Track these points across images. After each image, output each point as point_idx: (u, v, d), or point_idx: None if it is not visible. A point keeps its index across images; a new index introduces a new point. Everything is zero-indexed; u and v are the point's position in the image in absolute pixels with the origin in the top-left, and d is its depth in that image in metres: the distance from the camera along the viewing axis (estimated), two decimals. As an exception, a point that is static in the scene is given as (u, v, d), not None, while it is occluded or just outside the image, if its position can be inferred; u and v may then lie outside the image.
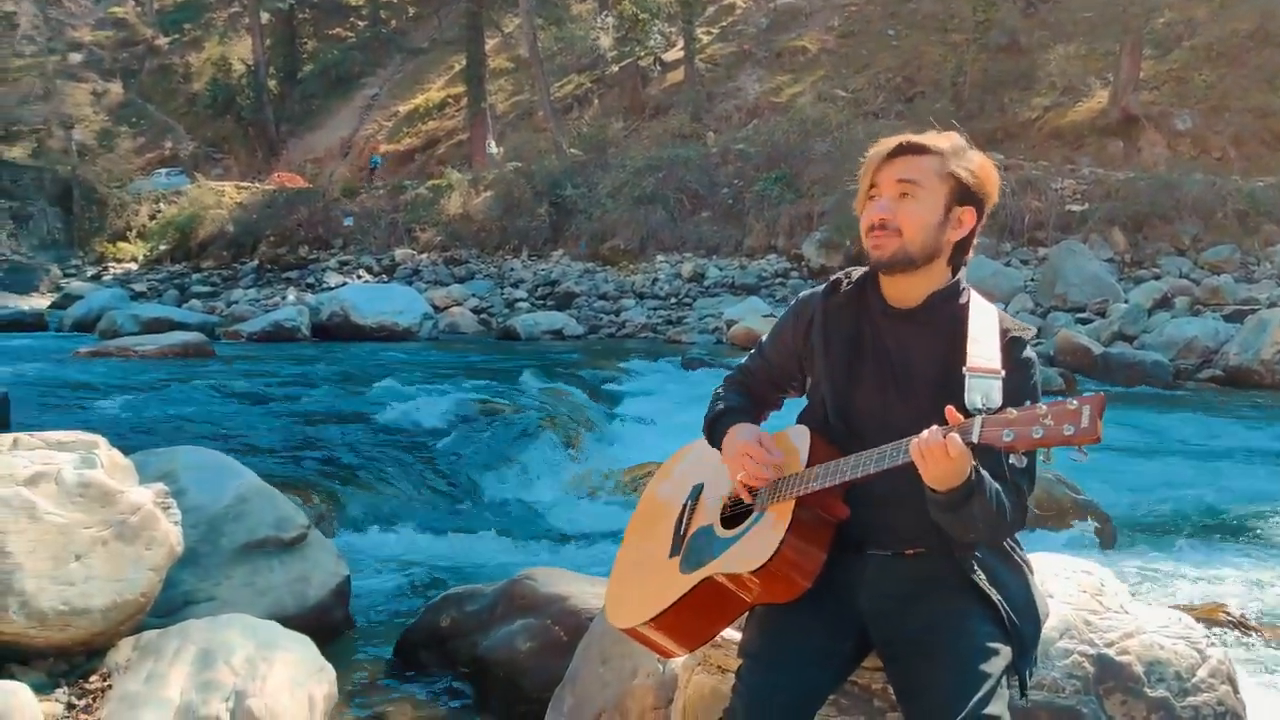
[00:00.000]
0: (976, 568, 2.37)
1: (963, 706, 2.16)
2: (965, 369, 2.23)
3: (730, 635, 2.65)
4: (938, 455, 2.12)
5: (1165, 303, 18.50)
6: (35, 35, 50.11)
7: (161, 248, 35.26)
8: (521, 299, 25.66)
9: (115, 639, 3.68)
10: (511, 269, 28.39)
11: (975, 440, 2.10)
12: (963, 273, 2.49)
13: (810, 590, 2.39)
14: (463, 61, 40.16)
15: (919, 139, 2.43)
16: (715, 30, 38.83)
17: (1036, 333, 2.52)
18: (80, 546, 3.64)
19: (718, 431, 2.64)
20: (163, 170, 43.28)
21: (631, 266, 26.63)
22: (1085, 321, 17.93)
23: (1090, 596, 2.84)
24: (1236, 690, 2.84)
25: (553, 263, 28.21)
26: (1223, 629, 4.66)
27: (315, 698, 3.54)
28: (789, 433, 2.58)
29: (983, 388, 2.20)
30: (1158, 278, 20.57)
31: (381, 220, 32.62)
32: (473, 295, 25.57)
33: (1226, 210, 22.72)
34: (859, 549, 2.44)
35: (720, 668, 2.73)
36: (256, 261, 32.42)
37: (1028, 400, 2.24)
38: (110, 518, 3.73)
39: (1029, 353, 2.41)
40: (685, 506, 2.70)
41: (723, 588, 2.45)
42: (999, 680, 2.24)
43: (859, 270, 2.58)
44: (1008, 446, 2.07)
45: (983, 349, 2.29)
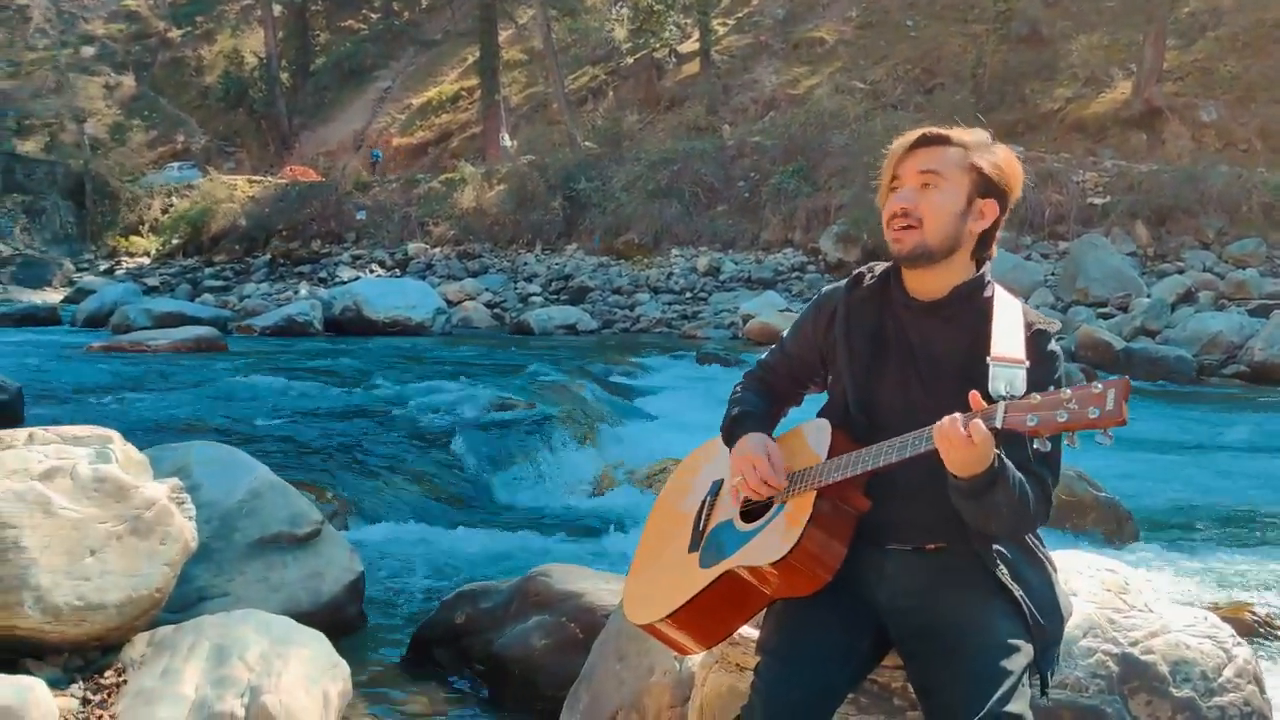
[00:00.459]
0: (998, 562, 2.34)
1: (983, 704, 2.13)
2: (990, 358, 2.21)
3: (748, 633, 2.63)
4: (961, 440, 2.10)
5: (1189, 297, 18.33)
6: (48, 28, 50.31)
7: (174, 242, 35.32)
8: (535, 293, 25.67)
9: (130, 634, 3.67)
10: (525, 263, 28.39)
11: (999, 425, 2.09)
12: (987, 266, 2.48)
13: (829, 586, 2.37)
14: (476, 54, 40.17)
15: (941, 130, 2.43)
16: (731, 21, 38.72)
17: (1061, 327, 2.49)
18: (95, 541, 3.63)
19: (734, 436, 2.63)
20: (175, 164, 43.38)
21: (646, 261, 26.60)
22: (1107, 316, 17.81)
23: (1114, 595, 2.80)
24: (1263, 690, 2.80)
25: (566, 257, 28.20)
26: (1248, 629, 4.61)
27: (330, 694, 3.53)
28: (808, 427, 2.56)
29: (1007, 375, 2.18)
30: (1181, 272, 20.35)
31: (394, 214, 32.64)
32: (486, 290, 25.58)
33: (1252, 203, 22.55)
34: (879, 544, 2.42)
35: (738, 665, 2.71)
36: (269, 255, 32.47)
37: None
38: (125, 513, 3.72)
39: (1054, 346, 2.39)
40: (704, 502, 2.68)
41: (743, 581, 2.43)
42: (1020, 678, 2.21)
43: (882, 265, 2.57)
44: (1032, 431, 2.05)
45: (1007, 340, 2.27)
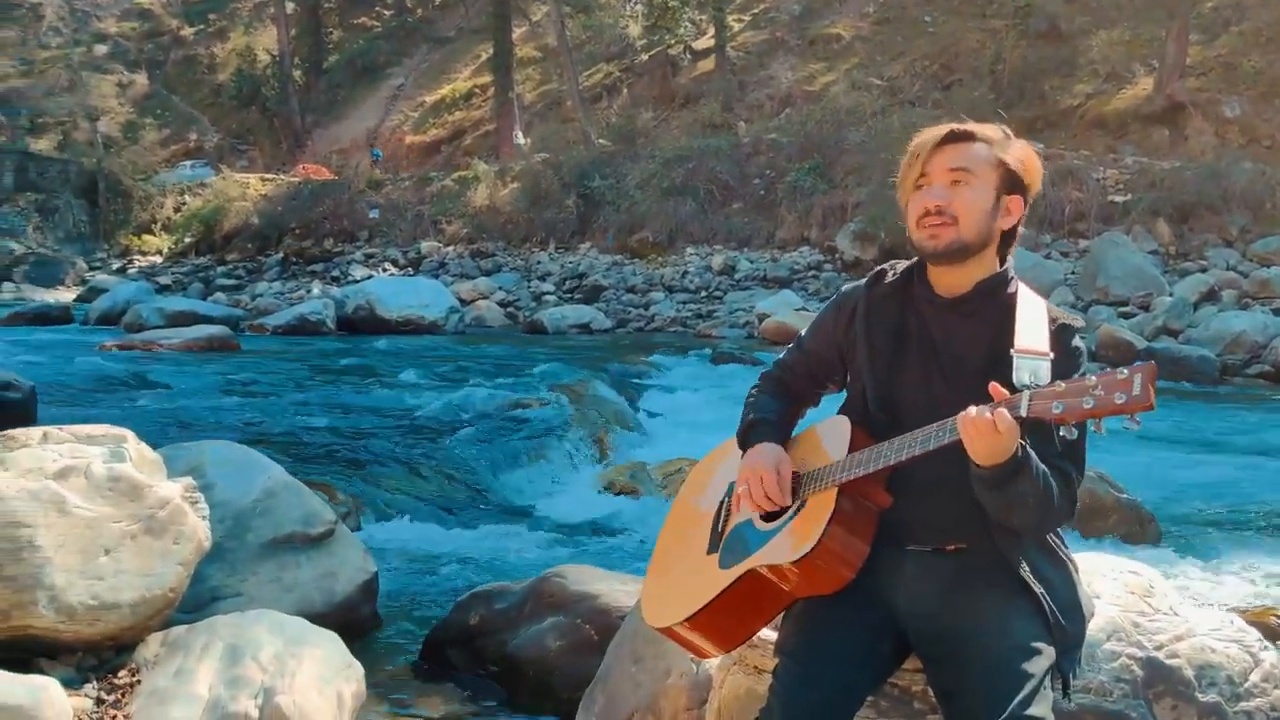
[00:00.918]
0: (1021, 560, 2.32)
1: (1004, 707, 2.12)
2: (1013, 350, 2.20)
3: (766, 634, 2.61)
4: (986, 428, 2.09)
5: (1212, 296, 18.11)
6: (61, 26, 50.43)
7: (186, 240, 35.30)
8: (549, 292, 25.63)
9: (144, 634, 3.67)
10: (538, 262, 28.35)
11: (1024, 414, 2.08)
12: (1010, 262, 2.47)
13: (849, 588, 2.36)
14: (490, 51, 40.06)
15: (967, 126, 2.42)
16: (747, 17, 38.54)
17: (1085, 324, 2.48)
18: (109, 541, 3.63)
19: (748, 444, 2.61)
20: (188, 162, 43.37)
21: (661, 259, 26.52)
22: (1128, 316, 17.61)
23: (1139, 598, 2.77)
24: (1289, 695, 2.77)
25: (580, 255, 28.14)
26: (1273, 632, 4.57)
27: (344, 695, 3.52)
28: (827, 424, 2.55)
29: (1031, 366, 2.17)
30: (1204, 270, 20.02)
31: (407, 212, 32.61)
32: (499, 288, 25.54)
33: (1276, 200, 22.19)
34: (898, 545, 2.40)
35: (756, 667, 2.70)
36: (281, 254, 32.44)
37: None
38: (139, 512, 3.72)
39: (1078, 341, 2.38)
40: (723, 503, 2.66)
41: (763, 581, 2.41)
42: (1042, 681, 2.20)
43: (904, 263, 2.56)
44: (1058, 418, 2.04)
45: (1031, 334, 2.26)
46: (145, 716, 3.28)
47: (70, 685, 3.40)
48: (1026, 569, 2.31)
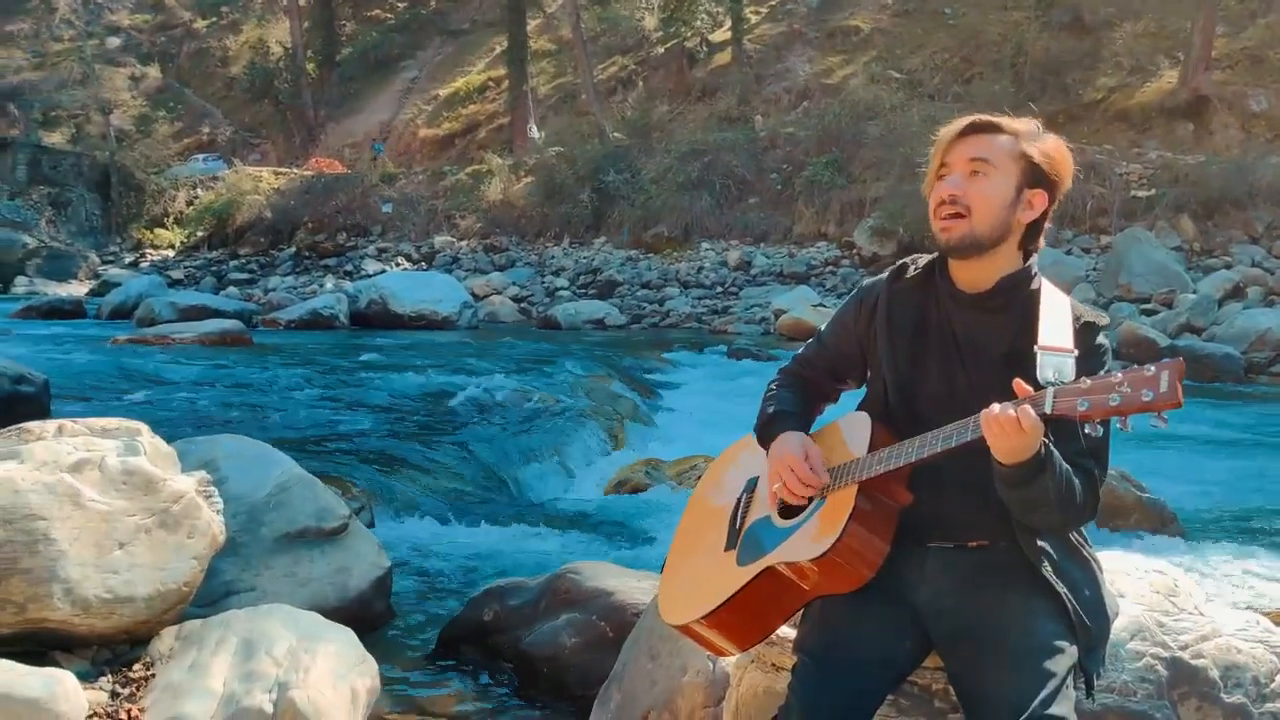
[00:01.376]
0: (1043, 559, 2.29)
1: (1026, 706, 2.10)
2: (1037, 346, 2.17)
3: (785, 632, 2.58)
4: (1010, 426, 2.06)
5: (1237, 293, 18.01)
6: (74, 19, 50.62)
7: (199, 234, 35.43)
8: (563, 287, 25.62)
9: (158, 628, 3.67)
10: (552, 257, 28.35)
11: (1048, 411, 2.04)
12: (1035, 258, 2.44)
13: (869, 586, 2.33)
14: (504, 43, 40.07)
15: (991, 117, 2.39)
16: (764, 10, 38.39)
17: (1109, 321, 2.45)
18: (124, 534, 3.64)
19: (769, 436, 2.58)
20: (200, 155, 43.53)
21: (676, 254, 26.49)
22: (1150, 313, 17.50)
23: (1163, 597, 2.74)
24: (1317, 697, 2.73)
25: (595, 250, 28.11)
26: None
27: (358, 690, 3.51)
28: (847, 420, 2.52)
29: (1055, 363, 2.13)
30: (1229, 267, 19.89)
31: (420, 207, 32.66)
32: (513, 283, 25.58)
33: (1303, 196, 22.16)
34: (919, 542, 2.37)
35: (774, 665, 2.68)
36: (294, 248, 32.52)
37: None
38: (153, 505, 3.72)
39: (1103, 339, 2.35)
40: (740, 500, 2.63)
41: (782, 579, 2.38)
42: (1064, 680, 2.17)
43: (926, 257, 2.53)
44: (1083, 416, 2.00)
45: (1055, 331, 2.23)
46: (159, 710, 3.28)
47: (85, 678, 3.40)
48: (1049, 567, 2.29)
